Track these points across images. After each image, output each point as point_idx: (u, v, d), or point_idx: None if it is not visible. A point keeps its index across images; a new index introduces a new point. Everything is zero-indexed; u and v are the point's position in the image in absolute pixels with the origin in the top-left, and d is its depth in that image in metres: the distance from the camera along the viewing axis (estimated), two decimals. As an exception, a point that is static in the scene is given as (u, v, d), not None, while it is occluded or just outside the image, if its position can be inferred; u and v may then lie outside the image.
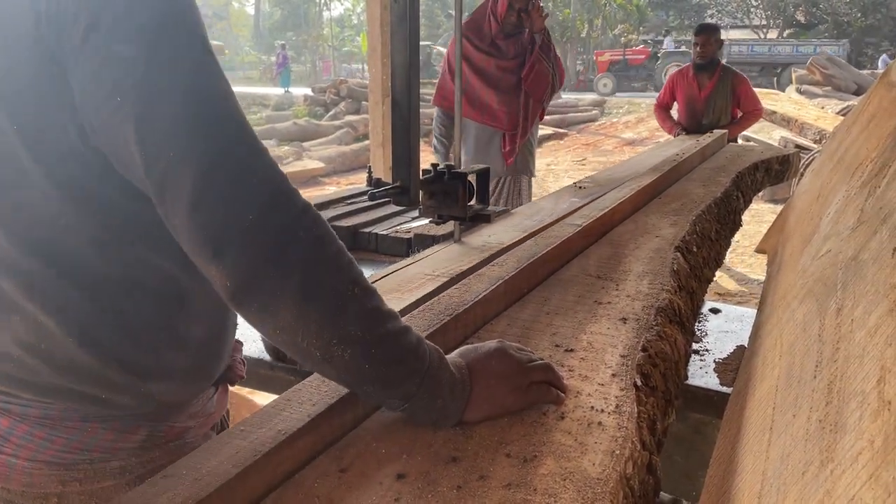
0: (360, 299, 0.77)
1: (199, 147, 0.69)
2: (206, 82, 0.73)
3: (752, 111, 5.01)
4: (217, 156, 0.70)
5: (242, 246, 0.70)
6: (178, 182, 0.69)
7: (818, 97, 11.85)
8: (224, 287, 0.72)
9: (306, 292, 0.72)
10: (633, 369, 1.05)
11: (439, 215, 1.72)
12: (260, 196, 0.71)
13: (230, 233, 0.70)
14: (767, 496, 0.66)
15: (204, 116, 0.71)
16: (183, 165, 0.68)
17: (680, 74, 5.16)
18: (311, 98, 17.51)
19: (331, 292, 0.74)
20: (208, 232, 0.70)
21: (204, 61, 0.73)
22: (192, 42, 0.73)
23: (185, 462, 0.75)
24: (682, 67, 5.21)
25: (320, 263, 0.74)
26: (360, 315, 0.76)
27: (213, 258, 0.70)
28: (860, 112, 1.95)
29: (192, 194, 0.68)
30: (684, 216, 2.03)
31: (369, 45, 4.32)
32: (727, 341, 1.74)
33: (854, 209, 1.13)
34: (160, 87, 0.69)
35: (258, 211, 0.70)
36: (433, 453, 0.83)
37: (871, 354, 0.63)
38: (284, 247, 0.71)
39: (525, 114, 3.73)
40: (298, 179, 10.32)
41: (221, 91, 0.74)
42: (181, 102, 0.70)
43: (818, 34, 30.57)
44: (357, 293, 0.76)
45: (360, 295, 0.77)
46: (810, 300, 1.01)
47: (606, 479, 0.77)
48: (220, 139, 0.71)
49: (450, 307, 1.20)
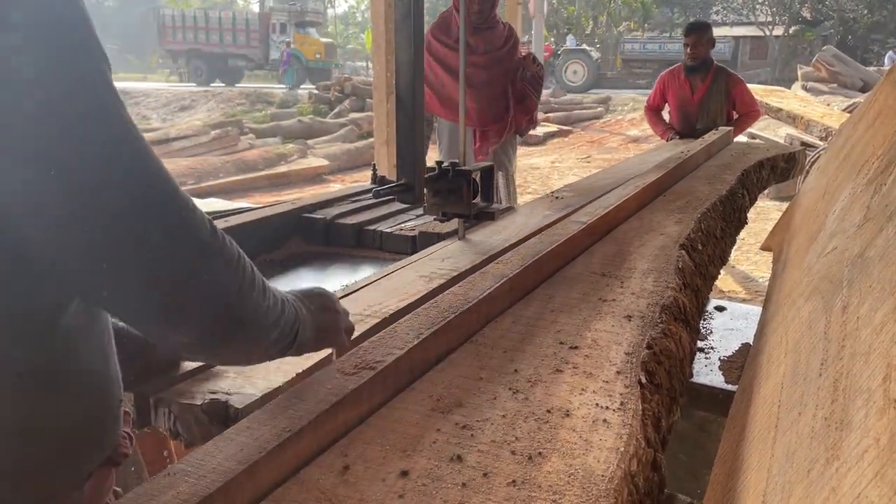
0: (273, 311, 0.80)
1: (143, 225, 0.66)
2: (140, 164, 0.67)
3: (748, 113, 4.72)
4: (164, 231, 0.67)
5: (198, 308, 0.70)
6: (124, 259, 0.65)
7: (824, 94, 11.80)
8: (182, 343, 0.73)
9: (249, 338, 0.77)
10: (637, 367, 1.05)
11: (443, 213, 1.72)
12: (199, 252, 0.70)
13: (185, 297, 0.69)
14: (772, 494, 0.66)
15: (145, 197, 0.66)
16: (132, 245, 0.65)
17: (671, 75, 4.82)
18: (315, 95, 17.53)
19: (261, 321, 0.78)
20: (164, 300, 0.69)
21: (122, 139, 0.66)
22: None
23: (190, 459, 0.75)
24: (673, 68, 4.86)
25: (253, 302, 0.76)
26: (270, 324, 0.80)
27: (172, 325, 0.70)
28: (866, 109, 1.94)
29: (144, 271, 0.66)
30: (689, 214, 2.02)
31: (374, 42, 4.32)
32: (732, 339, 1.74)
33: (860, 206, 1.13)
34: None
35: (205, 268, 0.70)
36: (437, 450, 0.84)
37: (876, 352, 0.62)
38: (236, 297, 0.73)
39: (501, 121, 3.68)
40: (303, 177, 10.34)
41: (150, 168, 0.68)
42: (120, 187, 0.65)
43: (824, 30, 30.46)
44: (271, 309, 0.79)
45: (273, 307, 0.80)
46: (816, 298, 1.01)
47: (611, 477, 0.77)
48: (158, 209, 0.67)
49: (454, 305, 1.20)
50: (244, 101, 18.91)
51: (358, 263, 2.11)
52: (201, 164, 9.72)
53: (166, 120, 17.73)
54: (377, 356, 1.00)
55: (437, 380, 1.03)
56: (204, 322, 0.71)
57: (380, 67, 4.25)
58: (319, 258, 2.18)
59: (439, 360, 1.10)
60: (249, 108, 18.26)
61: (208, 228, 0.71)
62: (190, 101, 19.31)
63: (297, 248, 2.25)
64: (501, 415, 0.92)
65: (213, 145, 11.18)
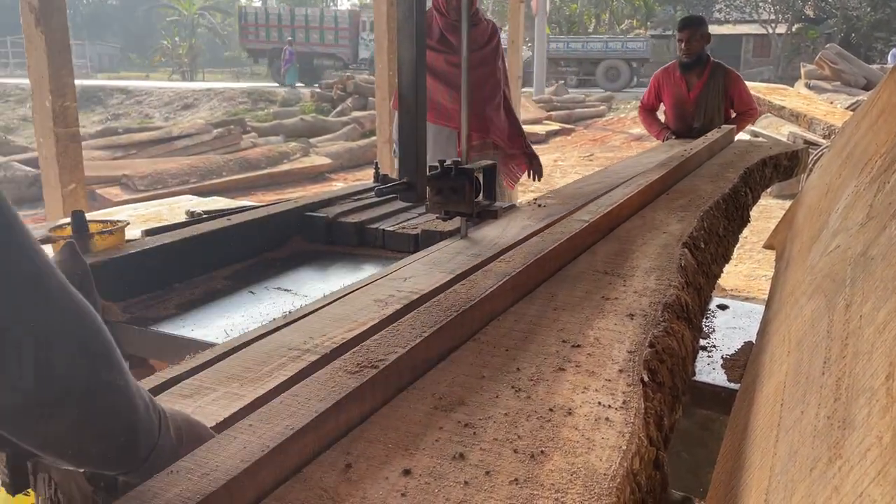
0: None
1: None
2: None
3: (746, 111, 4.55)
4: None
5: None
6: None
7: (827, 92, 11.79)
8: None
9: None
10: (640, 365, 1.05)
11: (446, 211, 1.72)
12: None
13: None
14: (775, 493, 0.66)
15: None
16: None
17: (665, 73, 4.65)
18: (317, 94, 17.54)
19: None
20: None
21: None
22: None
23: (193, 457, 0.75)
24: (668, 66, 4.70)
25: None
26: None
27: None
28: (869, 107, 1.93)
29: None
30: (692, 212, 2.02)
31: (376, 41, 4.31)
32: (735, 337, 1.73)
33: (863, 205, 1.12)
34: None
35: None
36: (440, 449, 0.84)
37: (879, 351, 0.62)
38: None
39: (481, 116, 3.56)
40: (305, 175, 10.36)
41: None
42: None
43: (827, 28, 30.41)
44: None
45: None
46: (819, 296, 1.00)
47: (613, 475, 0.77)
48: None
49: (457, 304, 1.20)
50: (246, 99, 18.93)
51: (360, 262, 2.11)
52: (204, 162, 9.74)
53: (169, 118, 17.76)
54: (379, 354, 1.00)
55: (439, 378, 1.03)
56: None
57: (382, 66, 4.25)
58: (321, 257, 2.18)
59: (441, 358, 1.10)
60: (252, 106, 18.28)
61: None
62: (192, 99, 19.34)
63: (299, 246, 2.25)
64: (504, 413, 0.92)
65: (216, 144, 11.21)
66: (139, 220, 2.84)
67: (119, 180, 8.72)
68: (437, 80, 3.48)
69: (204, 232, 1.98)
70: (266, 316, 1.66)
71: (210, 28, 42.72)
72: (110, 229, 1.85)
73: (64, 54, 3.51)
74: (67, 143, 3.53)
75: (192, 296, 1.81)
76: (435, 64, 3.46)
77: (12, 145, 11.23)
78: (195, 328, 1.61)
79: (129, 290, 1.75)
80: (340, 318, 1.22)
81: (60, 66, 3.49)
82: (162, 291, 1.81)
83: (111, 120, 17.42)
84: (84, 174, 3.74)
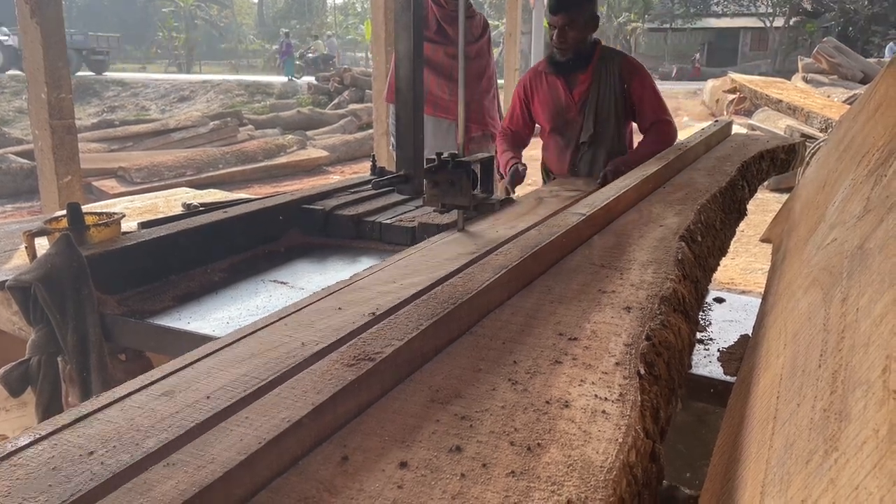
0: None
1: None
2: None
3: (658, 122, 2.96)
4: None
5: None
6: None
7: (824, 85, 11.79)
8: None
9: None
10: (636, 358, 1.05)
11: (443, 204, 1.72)
12: None
13: None
14: (771, 485, 0.66)
15: None
16: None
17: (535, 75, 3.06)
18: (315, 87, 17.48)
19: None
20: None
21: None
22: None
23: (189, 449, 0.75)
24: (537, 65, 3.11)
25: None
26: None
27: None
28: (867, 100, 1.93)
29: None
30: (689, 205, 2.02)
31: (373, 33, 4.30)
32: (731, 330, 1.74)
33: (860, 198, 1.12)
34: None
35: None
36: (436, 441, 0.84)
37: (876, 343, 0.62)
38: None
39: (478, 107, 3.58)
40: (302, 168, 10.34)
41: None
42: None
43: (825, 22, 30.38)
44: None
45: None
46: (815, 289, 1.00)
47: (610, 468, 0.77)
48: None
49: (453, 297, 1.20)
50: (243, 92, 18.86)
51: (357, 255, 2.11)
52: (200, 155, 9.71)
53: (165, 111, 17.69)
54: (376, 347, 1.00)
55: (436, 371, 1.03)
56: None
57: (379, 58, 4.23)
58: (318, 249, 2.18)
59: (438, 351, 1.10)
60: (248, 99, 18.22)
61: None
62: (189, 91, 19.26)
63: (297, 239, 2.25)
64: (500, 406, 0.92)
65: (213, 136, 11.16)
66: (135, 212, 2.83)
67: (115, 173, 8.69)
68: (435, 73, 3.48)
69: (200, 225, 1.97)
70: (263, 309, 1.66)
71: (207, 20, 42.59)
72: (106, 221, 1.84)
73: (59, 46, 3.50)
74: (63, 134, 3.52)
75: (189, 288, 1.80)
76: (433, 56, 3.46)
77: (8, 137, 11.19)
78: (191, 321, 1.61)
79: (126, 282, 1.75)
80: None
81: (56, 57, 3.48)
82: (158, 284, 1.81)
83: (107, 112, 17.35)
84: (80, 166, 3.74)
